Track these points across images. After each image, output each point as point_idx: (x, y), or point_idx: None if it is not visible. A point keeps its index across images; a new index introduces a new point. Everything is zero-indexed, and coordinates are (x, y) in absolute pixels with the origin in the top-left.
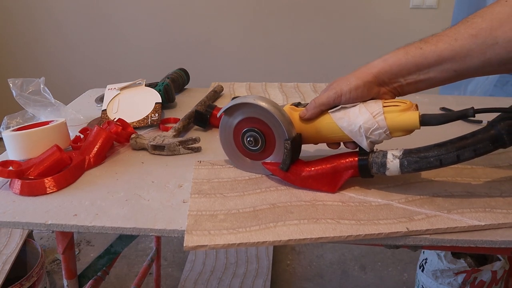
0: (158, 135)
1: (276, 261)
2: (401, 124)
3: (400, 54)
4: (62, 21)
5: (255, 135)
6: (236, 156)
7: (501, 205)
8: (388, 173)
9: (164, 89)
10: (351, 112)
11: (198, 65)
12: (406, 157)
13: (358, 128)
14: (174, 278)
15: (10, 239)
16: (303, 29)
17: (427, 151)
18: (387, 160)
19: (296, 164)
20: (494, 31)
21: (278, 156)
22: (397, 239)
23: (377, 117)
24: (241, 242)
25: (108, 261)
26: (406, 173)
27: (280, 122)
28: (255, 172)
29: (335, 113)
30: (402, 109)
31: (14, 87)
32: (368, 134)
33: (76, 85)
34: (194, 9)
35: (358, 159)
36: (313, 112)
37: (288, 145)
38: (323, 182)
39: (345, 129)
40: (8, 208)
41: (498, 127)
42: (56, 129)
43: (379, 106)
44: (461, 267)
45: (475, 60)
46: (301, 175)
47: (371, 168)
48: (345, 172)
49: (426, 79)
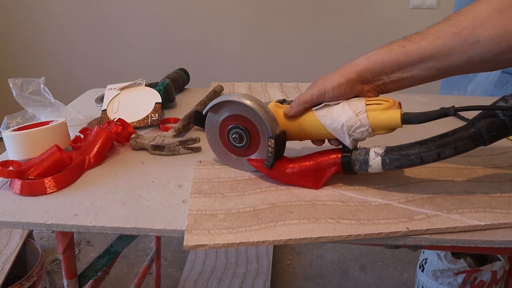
0: (158, 135)
1: (276, 261)
2: (383, 122)
3: (383, 52)
4: (62, 21)
5: (240, 132)
6: (222, 152)
7: (501, 205)
8: (370, 170)
9: (164, 89)
10: (334, 110)
11: (198, 65)
12: (388, 154)
13: (341, 126)
14: (174, 278)
15: (10, 239)
16: (303, 29)
17: (409, 149)
18: (369, 157)
19: (281, 161)
20: (476, 29)
21: (263, 153)
22: (397, 239)
23: (360, 115)
24: (241, 242)
25: (108, 261)
26: (388, 170)
27: (264, 119)
28: (240, 168)
29: (318, 111)
30: (384, 107)
31: (14, 87)
32: (351, 132)
33: (76, 85)
34: (194, 9)
35: (341, 156)
36: (297, 110)
37: (272, 143)
38: (307, 178)
39: (328, 127)
40: (8, 208)
41: (478, 125)
42: (56, 129)
43: (362, 104)
44: (461, 267)
45: (458, 58)
46: (285, 172)
47: (353, 165)
48: (328, 169)
49: (409, 77)
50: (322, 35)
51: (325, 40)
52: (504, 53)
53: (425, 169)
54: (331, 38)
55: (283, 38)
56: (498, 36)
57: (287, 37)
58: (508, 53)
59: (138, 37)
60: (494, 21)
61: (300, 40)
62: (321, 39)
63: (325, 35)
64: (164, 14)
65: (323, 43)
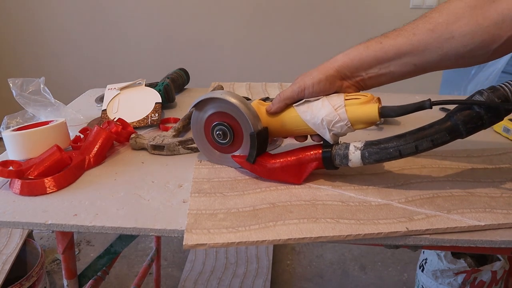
0: (158, 135)
1: (276, 261)
2: (361, 116)
3: (361, 48)
4: (62, 21)
5: (224, 129)
6: (207, 148)
7: (501, 206)
8: (351, 164)
9: (164, 89)
10: (314, 105)
11: (198, 65)
12: (367, 148)
13: (321, 120)
14: (174, 278)
15: (10, 239)
16: (303, 29)
17: (387, 142)
18: (349, 151)
19: (263, 156)
20: (450, 25)
21: (246, 150)
22: (397, 239)
23: (339, 110)
24: (240, 241)
25: (108, 261)
26: (369, 164)
27: (245, 115)
28: (224, 164)
29: (299, 107)
30: (362, 101)
31: (14, 87)
32: (331, 127)
33: (76, 85)
34: (194, 9)
35: (322, 151)
36: (278, 106)
37: (254, 138)
38: (288, 174)
39: (309, 122)
40: (8, 208)
41: (455, 118)
42: (56, 129)
43: (340, 99)
44: (461, 267)
45: (433, 54)
46: (267, 167)
47: (334, 160)
48: (309, 164)
49: (387, 72)
50: (322, 35)
51: (325, 40)
52: (478, 49)
53: (425, 169)
54: (331, 38)
55: (283, 38)
56: (471, 31)
57: (287, 37)
58: (482, 48)
59: (138, 37)
60: (468, 17)
61: (300, 40)
62: (321, 39)
63: (325, 35)
64: (164, 14)
65: (323, 43)
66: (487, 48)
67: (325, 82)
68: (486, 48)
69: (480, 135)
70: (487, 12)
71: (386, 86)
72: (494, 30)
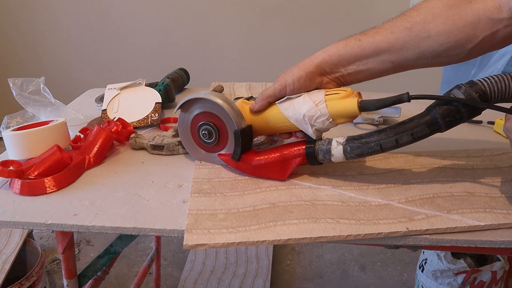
0: (157, 134)
1: (276, 261)
2: (342, 110)
3: (340, 45)
4: (62, 20)
5: (209, 129)
6: (193, 148)
7: (501, 206)
8: (333, 159)
9: (164, 89)
10: (296, 102)
11: (198, 65)
12: (349, 143)
13: (303, 116)
14: (174, 278)
15: (10, 238)
16: (303, 29)
17: (368, 137)
18: (332, 146)
19: (248, 154)
20: (427, 24)
21: (231, 148)
22: (397, 239)
23: (319, 105)
24: (240, 241)
25: (108, 261)
26: (351, 159)
27: (229, 114)
28: (211, 162)
29: (281, 104)
30: (342, 96)
31: (14, 86)
32: (313, 122)
33: (76, 85)
34: (194, 9)
35: (305, 147)
36: (261, 104)
37: (238, 136)
38: (273, 170)
39: (291, 118)
40: (8, 208)
41: (434, 112)
42: (56, 129)
43: (321, 95)
44: (461, 268)
45: (410, 52)
46: (252, 164)
47: (317, 155)
48: (293, 160)
49: (365, 69)
50: (322, 35)
51: (325, 40)
52: (453, 48)
53: (425, 169)
54: (331, 38)
55: (283, 38)
56: (447, 31)
57: (287, 37)
58: (457, 47)
59: (138, 37)
60: (444, 16)
61: (300, 40)
62: (321, 39)
63: (325, 35)
64: (164, 14)
65: (323, 43)
66: (463, 47)
67: (305, 78)
68: (461, 47)
69: (480, 135)
70: (463, 12)
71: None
72: (470, 30)
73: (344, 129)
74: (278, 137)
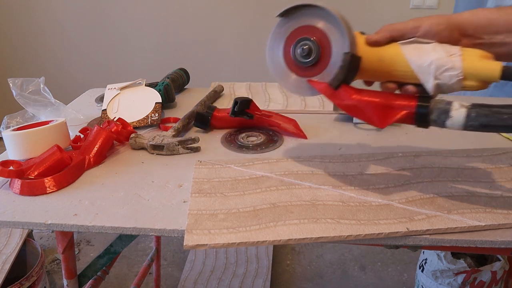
0: (157, 134)
1: (276, 261)
2: (479, 70)
3: (493, 10)
4: (62, 20)
5: (309, 45)
6: (280, 69)
7: (501, 206)
8: (448, 124)
9: (164, 89)
10: (425, 47)
11: (198, 65)
12: (475, 108)
13: (429, 63)
14: (174, 278)
15: (10, 238)
16: None
17: (501, 108)
18: (452, 107)
19: (346, 88)
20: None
21: (327, 77)
22: (397, 239)
23: (454, 57)
24: (241, 242)
25: (108, 260)
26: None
27: (345, 31)
28: (295, 92)
29: (406, 45)
30: (483, 55)
31: (14, 86)
32: (438, 74)
33: (76, 85)
34: (194, 9)
35: (417, 100)
36: (383, 35)
37: (348, 59)
38: (372, 113)
39: (413, 63)
40: (8, 207)
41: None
42: (56, 129)
43: (457, 48)
44: (461, 268)
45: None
46: (351, 97)
47: (430, 114)
48: (399, 110)
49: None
50: None
51: None
52: None
53: (426, 169)
54: None
55: None
56: None
57: None
58: None
59: (138, 37)
60: None
61: None
62: None
63: None
64: (164, 14)
65: None
66: None
67: (445, 27)
68: None
69: (480, 135)
70: None
71: None
72: None
73: (344, 129)
74: (279, 137)
